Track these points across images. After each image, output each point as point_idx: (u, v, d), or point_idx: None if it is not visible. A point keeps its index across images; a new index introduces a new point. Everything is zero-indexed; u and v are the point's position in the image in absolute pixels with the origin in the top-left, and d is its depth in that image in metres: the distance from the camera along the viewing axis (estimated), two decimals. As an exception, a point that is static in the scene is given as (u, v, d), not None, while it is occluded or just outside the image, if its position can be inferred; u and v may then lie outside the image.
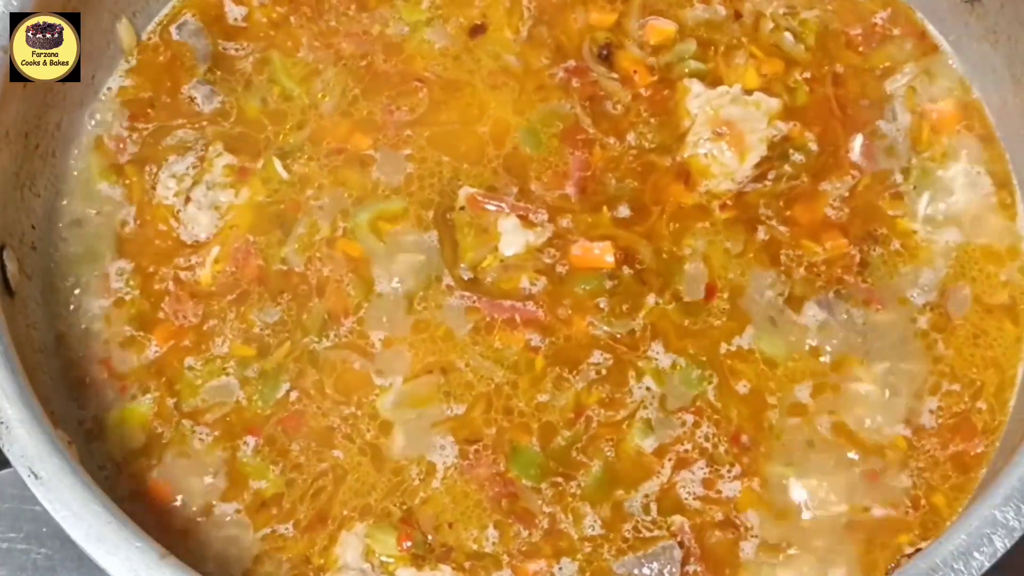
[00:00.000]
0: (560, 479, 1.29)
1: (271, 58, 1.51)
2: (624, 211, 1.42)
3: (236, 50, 1.52)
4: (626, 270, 1.38)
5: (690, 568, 1.26)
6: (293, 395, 1.33)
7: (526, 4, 1.54)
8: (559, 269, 1.39)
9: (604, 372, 1.34)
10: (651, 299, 1.37)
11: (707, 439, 1.31)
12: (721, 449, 1.31)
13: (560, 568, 1.26)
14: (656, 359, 1.34)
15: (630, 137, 1.47)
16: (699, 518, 1.28)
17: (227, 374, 1.34)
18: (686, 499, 1.29)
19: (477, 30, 1.53)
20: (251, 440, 1.31)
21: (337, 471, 1.30)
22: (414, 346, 1.35)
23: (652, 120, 1.48)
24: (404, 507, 1.28)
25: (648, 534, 1.27)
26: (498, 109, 1.48)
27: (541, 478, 1.29)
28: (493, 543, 1.27)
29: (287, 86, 1.49)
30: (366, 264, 1.39)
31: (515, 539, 1.27)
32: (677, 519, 1.28)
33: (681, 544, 1.26)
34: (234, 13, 1.54)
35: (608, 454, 1.30)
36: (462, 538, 1.27)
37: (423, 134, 1.46)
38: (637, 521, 1.28)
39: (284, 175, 1.43)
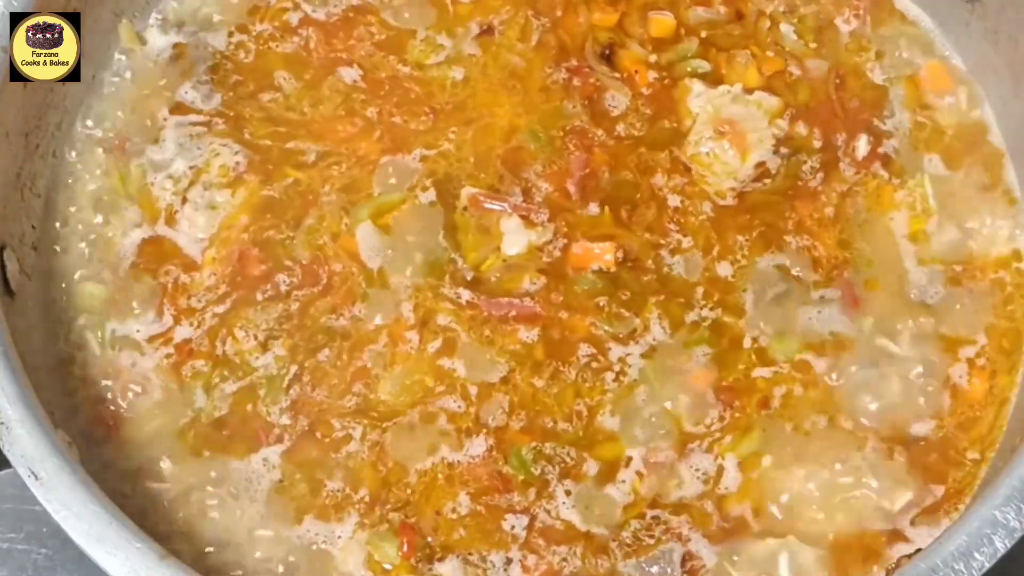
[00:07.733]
0: (559, 476, 1.29)
1: (275, 59, 1.51)
2: (625, 210, 1.42)
3: (238, 50, 1.52)
4: (627, 269, 1.39)
5: (691, 567, 1.26)
6: (299, 392, 1.33)
7: (532, 15, 1.53)
8: (560, 269, 1.39)
9: (595, 365, 1.34)
10: (652, 298, 1.37)
11: (704, 436, 1.32)
12: (716, 443, 1.31)
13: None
14: (654, 339, 1.35)
15: (631, 136, 1.47)
16: (699, 517, 1.28)
17: (231, 373, 1.34)
18: (685, 499, 1.29)
19: (486, 31, 1.53)
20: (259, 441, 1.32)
21: (338, 472, 1.30)
22: (414, 342, 1.35)
23: (653, 119, 1.48)
24: (404, 512, 1.28)
25: (648, 538, 1.27)
26: (503, 111, 1.48)
27: (539, 476, 1.29)
28: (466, 506, 1.27)
29: (289, 89, 1.49)
30: (367, 262, 1.39)
31: (490, 496, 1.27)
32: (676, 520, 1.28)
33: (681, 540, 1.27)
34: (240, 15, 1.54)
35: (605, 452, 1.31)
36: (443, 512, 1.27)
37: (427, 136, 1.46)
38: (638, 525, 1.28)
39: (288, 178, 1.43)
